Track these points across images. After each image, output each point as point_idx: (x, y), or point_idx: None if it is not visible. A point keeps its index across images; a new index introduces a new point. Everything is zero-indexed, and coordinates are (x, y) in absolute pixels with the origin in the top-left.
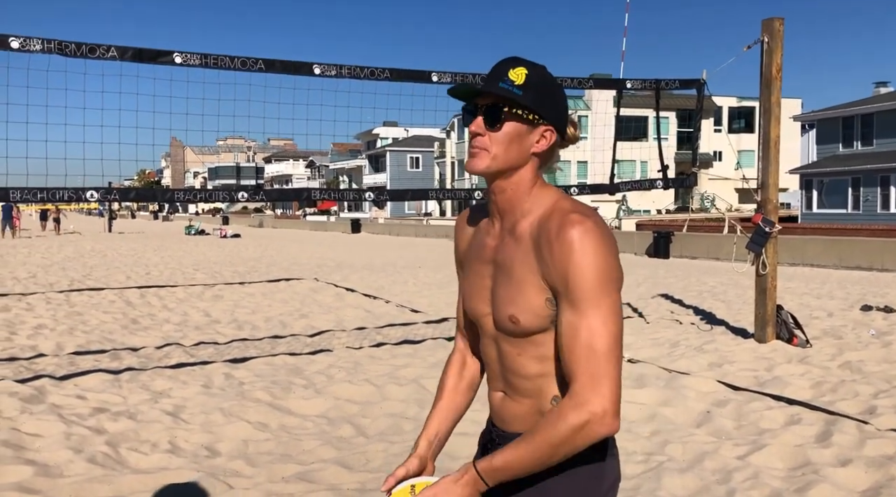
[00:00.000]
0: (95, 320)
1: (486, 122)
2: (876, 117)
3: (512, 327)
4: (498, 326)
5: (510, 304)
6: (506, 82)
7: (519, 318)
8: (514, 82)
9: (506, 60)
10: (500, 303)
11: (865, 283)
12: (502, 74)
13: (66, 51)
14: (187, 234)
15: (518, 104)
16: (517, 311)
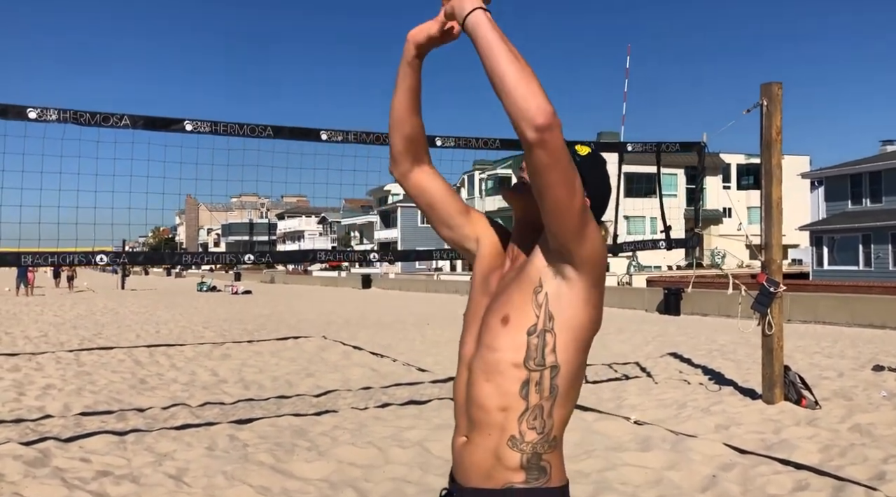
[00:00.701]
0: (104, 380)
1: None
2: (884, 175)
3: (500, 330)
4: (482, 340)
5: (503, 308)
6: (570, 148)
7: (511, 316)
8: (577, 152)
9: (575, 142)
10: (492, 315)
11: (878, 342)
12: (570, 145)
13: (80, 120)
14: (199, 290)
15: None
16: (511, 310)
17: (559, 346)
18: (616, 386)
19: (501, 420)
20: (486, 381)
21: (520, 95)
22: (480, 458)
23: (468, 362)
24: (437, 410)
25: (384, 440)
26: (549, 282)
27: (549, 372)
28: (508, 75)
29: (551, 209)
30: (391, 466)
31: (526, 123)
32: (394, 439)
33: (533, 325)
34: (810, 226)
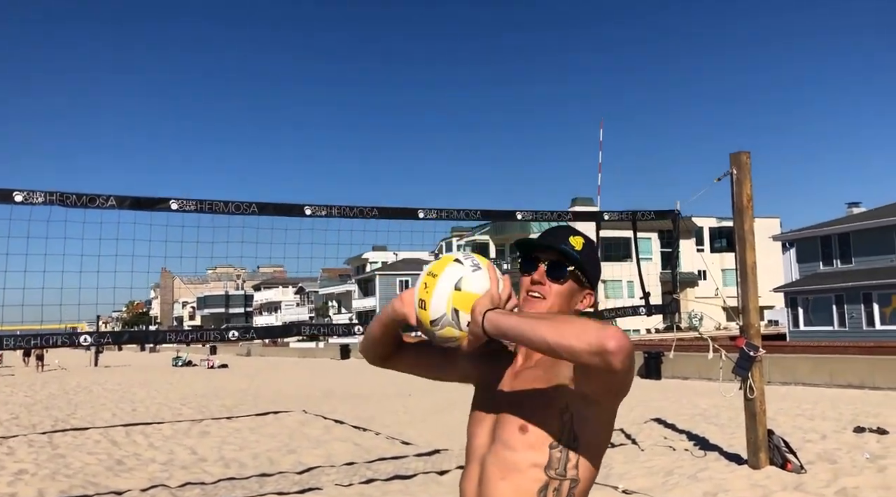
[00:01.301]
0: (79, 462)
1: (548, 274)
2: (852, 236)
3: (518, 438)
4: (498, 441)
5: (521, 416)
6: (567, 245)
7: (529, 426)
8: (574, 247)
9: (563, 228)
10: (509, 420)
11: (858, 403)
12: (564, 238)
13: (66, 202)
14: (174, 365)
15: (579, 266)
16: (530, 421)
17: (581, 463)
18: None
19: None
20: (501, 479)
21: (577, 344)
22: None
23: (481, 457)
24: (424, 485)
25: None
26: (576, 405)
27: (568, 483)
28: (554, 340)
29: (606, 387)
30: None
31: (602, 357)
32: None
33: (556, 441)
34: (784, 287)
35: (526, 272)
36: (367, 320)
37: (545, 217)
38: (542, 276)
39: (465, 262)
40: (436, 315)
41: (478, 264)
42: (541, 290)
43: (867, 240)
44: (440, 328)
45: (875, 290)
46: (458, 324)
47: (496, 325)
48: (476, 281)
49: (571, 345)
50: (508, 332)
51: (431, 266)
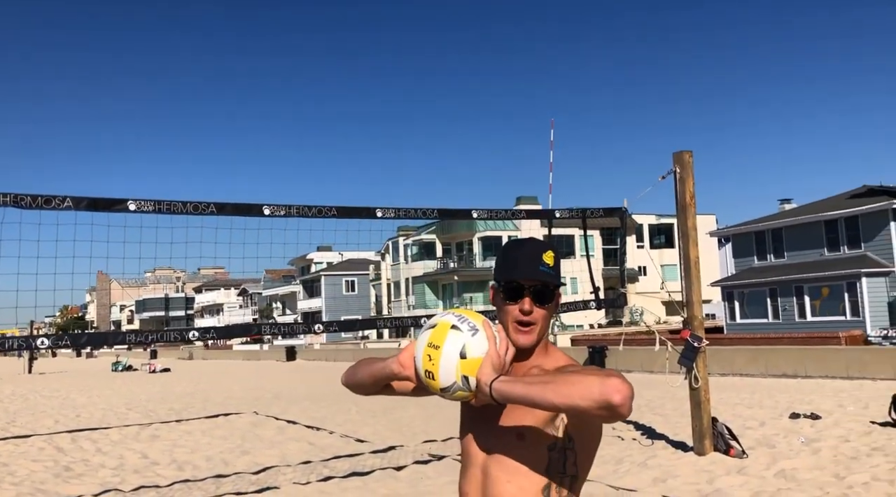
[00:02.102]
0: (24, 470)
1: (535, 301)
2: (785, 232)
3: (516, 445)
4: (496, 449)
5: (517, 424)
6: (545, 266)
7: (525, 434)
8: (549, 265)
9: (532, 244)
10: (505, 429)
11: (792, 391)
12: (538, 259)
13: (22, 203)
14: (114, 370)
15: (558, 286)
16: (525, 430)
17: (579, 460)
18: None
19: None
20: (507, 482)
21: (583, 404)
22: None
23: (482, 463)
24: (382, 481)
25: None
26: None
27: (569, 479)
28: (562, 402)
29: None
30: None
31: (609, 410)
32: None
33: (552, 443)
34: (721, 282)
35: (513, 302)
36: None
37: (499, 216)
38: (531, 306)
39: (463, 327)
40: (446, 384)
41: (475, 326)
42: (531, 319)
43: (798, 235)
44: (451, 394)
45: (806, 283)
46: (468, 387)
47: (504, 395)
48: (478, 345)
49: (578, 405)
50: (517, 400)
51: (430, 336)
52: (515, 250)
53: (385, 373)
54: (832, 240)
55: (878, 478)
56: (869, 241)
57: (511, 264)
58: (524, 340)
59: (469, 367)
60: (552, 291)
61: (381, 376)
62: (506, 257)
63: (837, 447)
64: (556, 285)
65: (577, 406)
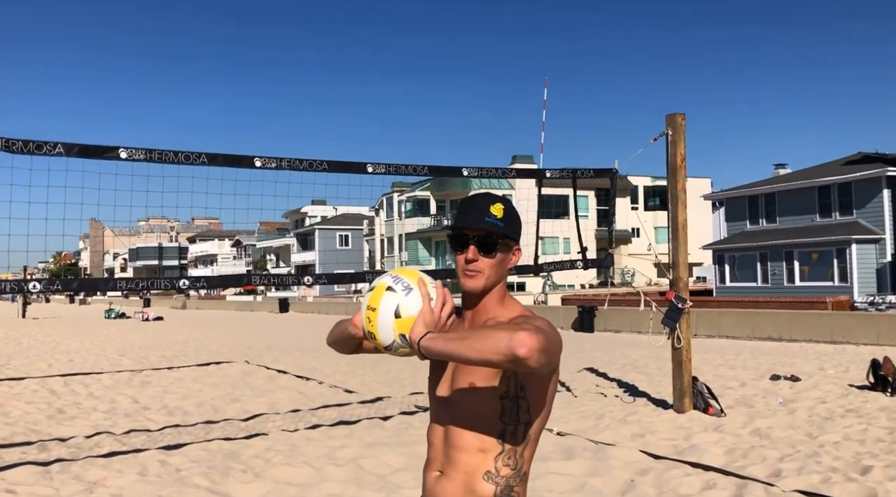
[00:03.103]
0: (18, 411)
1: (480, 250)
2: (777, 196)
3: (472, 393)
4: (454, 401)
5: (472, 373)
6: (491, 217)
7: (478, 382)
8: (496, 217)
9: (483, 197)
10: (462, 377)
11: (776, 354)
12: (486, 210)
13: (13, 148)
14: (107, 317)
15: (504, 236)
16: (477, 379)
17: (532, 408)
18: None
19: (479, 459)
20: (466, 430)
21: (494, 358)
22: (455, 490)
23: (444, 412)
24: (368, 430)
25: (318, 459)
26: None
27: (523, 427)
28: (477, 357)
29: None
30: (327, 484)
31: (516, 364)
32: (328, 458)
33: (505, 392)
34: (712, 245)
35: (459, 251)
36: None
37: (490, 174)
38: (474, 254)
39: (398, 288)
40: (387, 343)
41: (409, 286)
42: (475, 267)
43: (791, 200)
44: (394, 351)
45: (797, 248)
46: (408, 344)
47: (429, 351)
48: (412, 304)
49: (490, 359)
50: (440, 355)
51: (368, 299)
52: (467, 203)
53: (346, 334)
54: (825, 206)
55: (850, 437)
56: (861, 207)
57: (460, 215)
58: (469, 284)
59: (404, 325)
60: (496, 241)
61: (345, 337)
62: (458, 210)
63: (813, 408)
64: (501, 236)
65: (488, 360)
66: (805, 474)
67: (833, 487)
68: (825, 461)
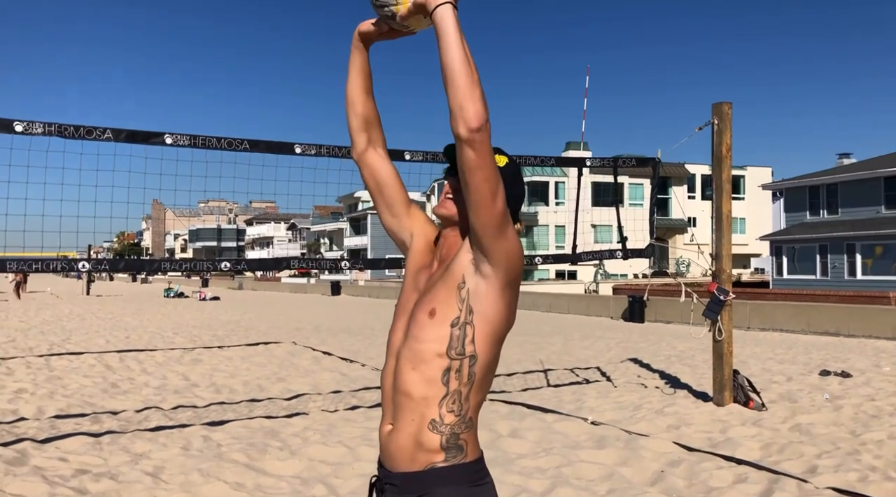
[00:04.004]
0: (76, 384)
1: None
2: (840, 187)
3: (427, 323)
4: (410, 332)
5: (430, 302)
6: None
7: (437, 309)
8: (496, 162)
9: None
10: (420, 309)
11: (830, 349)
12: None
13: (65, 133)
14: (166, 296)
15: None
16: (437, 305)
17: (478, 337)
18: (576, 389)
19: (424, 406)
20: (412, 369)
21: (463, 95)
22: (404, 443)
23: (396, 352)
24: None
25: (353, 440)
26: (470, 278)
27: (468, 361)
28: (459, 74)
29: (475, 205)
30: (360, 464)
31: (462, 122)
32: (363, 439)
33: (456, 318)
34: (771, 235)
35: (451, 175)
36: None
37: (530, 162)
38: (456, 182)
39: None
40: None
41: None
42: (452, 195)
43: (854, 191)
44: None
45: (859, 240)
46: None
47: (443, 18)
48: None
49: (460, 91)
50: (446, 31)
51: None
52: None
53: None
54: (891, 197)
55: (894, 436)
56: None
57: None
58: (440, 209)
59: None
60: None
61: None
62: None
63: (861, 405)
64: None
65: (458, 84)
66: (842, 472)
67: (869, 486)
68: (865, 459)
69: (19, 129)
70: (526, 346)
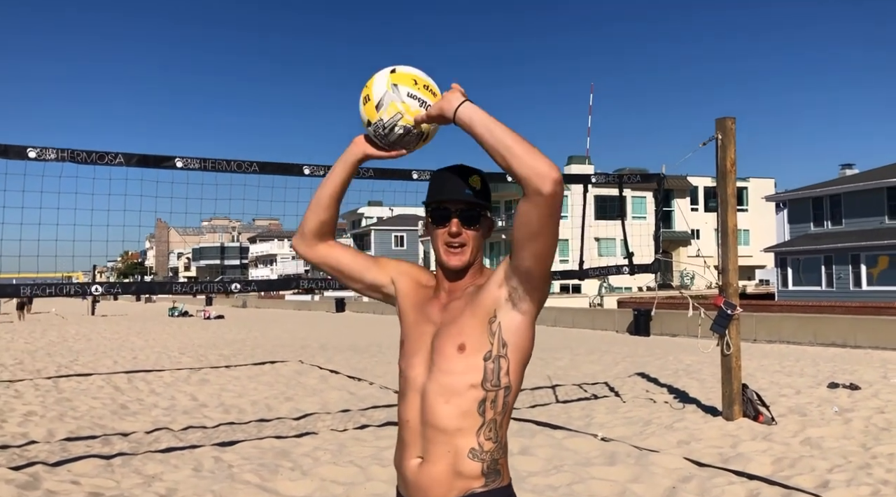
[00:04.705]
0: (85, 406)
1: (463, 223)
2: (843, 198)
3: (456, 358)
4: (436, 366)
5: (457, 337)
6: (470, 189)
7: (467, 344)
8: (475, 189)
9: (460, 170)
10: (447, 340)
11: (838, 360)
12: (465, 182)
13: (77, 158)
14: (171, 315)
15: (485, 208)
16: (467, 340)
17: (512, 369)
18: (585, 405)
19: (459, 437)
20: (445, 403)
21: (529, 158)
22: (440, 474)
23: (420, 388)
24: None
25: (364, 459)
26: (504, 314)
27: (503, 392)
28: (516, 145)
29: (539, 254)
30: (372, 483)
31: (543, 179)
32: (374, 459)
33: (488, 352)
34: (775, 247)
35: (441, 225)
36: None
37: None
38: (458, 228)
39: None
40: (378, 96)
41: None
42: (459, 241)
43: (858, 201)
44: (385, 108)
45: (863, 251)
46: (399, 96)
47: (470, 117)
48: (407, 66)
49: (526, 156)
50: (480, 123)
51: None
52: (442, 175)
53: (346, 154)
54: (894, 207)
55: None
56: None
57: (437, 188)
58: (455, 262)
59: (398, 78)
60: (479, 214)
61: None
62: (433, 182)
63: (871, 418)
64: (483, 207)
65: (523, 162)
66: (854, 486)
67: None
68: (877, 473)
69: (32, 155)
70: (533, 362)
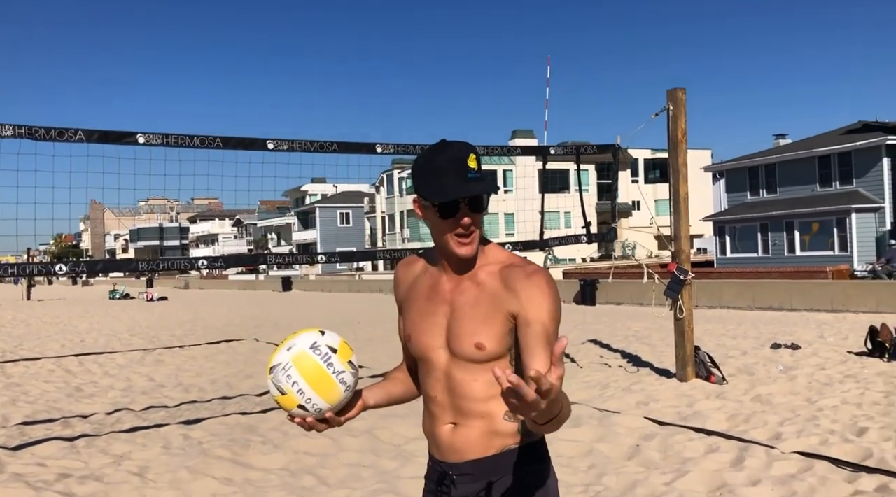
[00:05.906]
0: (37, 390)
1: (471, 209)
2: (778, 167)
3: (477, 354)
4: (457, 355)
5: (475, 334)
6: (472, 173)
7: (485, 344)
8: (475, 170)
9: (454, 152)
10: (463, 334)
11: (776, 323)
12: (466, 169)
13: (36, 135)
14: (112, 298)
15: (491, 191)
16: (484, 339)
17: (520, 363)
18: None
19: (492, 405)
20: (473, 380)
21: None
22: (476, 436)
23: (444, 368)
24: None
25: (335, 431)
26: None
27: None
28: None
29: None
30: (345, 454)
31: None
32: (344, 430)
33: (506, 349)
34: (713, 216)
35: (450, 216)
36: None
37: (495, 151)
38: (469, 215)
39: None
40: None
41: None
42: (473, 230)
43: (791, 170)
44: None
45: (797, 218)
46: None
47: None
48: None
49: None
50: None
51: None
52: (437, 165)
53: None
54: (825, 175)
55: (847, 401)
56: (861, 176)
57: (438, 184)
58: (467, 251)
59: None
60: (488, 197)
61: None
62: (430, 176)
63: (813, 374)
64: (491, 190)
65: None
66: (804, 437)
67: (831, 448)
68: (824, 424)
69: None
70: None
